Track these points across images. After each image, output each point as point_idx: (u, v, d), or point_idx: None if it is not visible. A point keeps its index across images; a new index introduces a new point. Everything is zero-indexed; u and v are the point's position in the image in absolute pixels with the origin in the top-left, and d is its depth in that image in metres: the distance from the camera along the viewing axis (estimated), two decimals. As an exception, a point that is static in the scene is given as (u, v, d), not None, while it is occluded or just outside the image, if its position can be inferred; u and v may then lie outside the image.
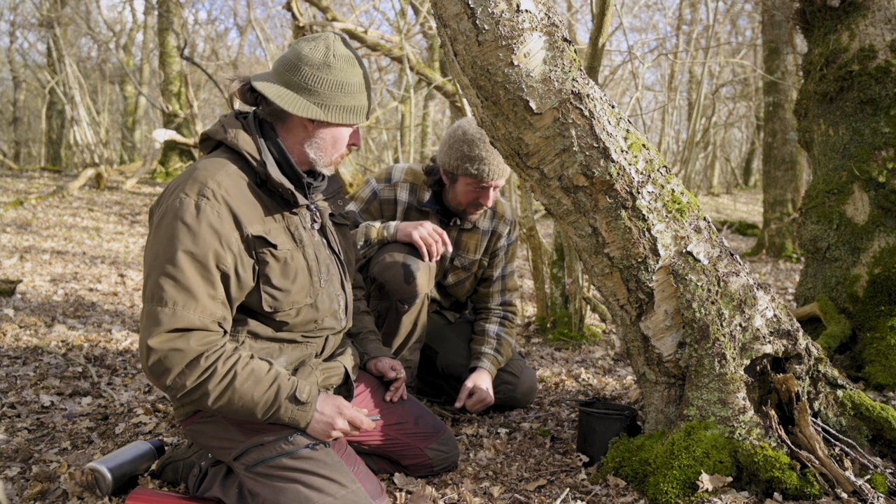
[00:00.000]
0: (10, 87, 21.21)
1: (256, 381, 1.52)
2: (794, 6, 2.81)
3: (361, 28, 7.07)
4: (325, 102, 1.63)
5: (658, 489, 1.73)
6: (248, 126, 1.66)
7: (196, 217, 1.50)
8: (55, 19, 13.28)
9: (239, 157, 1.63)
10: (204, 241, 1.49)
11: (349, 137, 1.73)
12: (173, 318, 1.46)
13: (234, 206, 1.55)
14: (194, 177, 1.56)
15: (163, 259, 1.49)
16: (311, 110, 1.62)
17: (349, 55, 1.66)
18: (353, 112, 1.67)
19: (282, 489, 1.54)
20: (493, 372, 2.52)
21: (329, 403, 1.62)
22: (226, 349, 1.52)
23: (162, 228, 1.52)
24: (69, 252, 6.73)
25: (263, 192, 1.64)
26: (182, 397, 1.52)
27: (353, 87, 1.65)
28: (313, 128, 1.66)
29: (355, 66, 1.66)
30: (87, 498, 1.77)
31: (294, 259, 1.64)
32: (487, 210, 2.59)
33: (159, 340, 1.46)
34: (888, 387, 2.19)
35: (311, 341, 1.74)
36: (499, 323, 2.63)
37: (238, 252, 1.55)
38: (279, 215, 1.65)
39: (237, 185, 1.58)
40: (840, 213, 2.47)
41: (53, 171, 13.90)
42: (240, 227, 1.55)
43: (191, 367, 1.47)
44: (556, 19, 1.72)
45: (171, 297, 1.47)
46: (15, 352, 3.14)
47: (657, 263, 1.81)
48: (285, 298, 1.63)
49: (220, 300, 1.53)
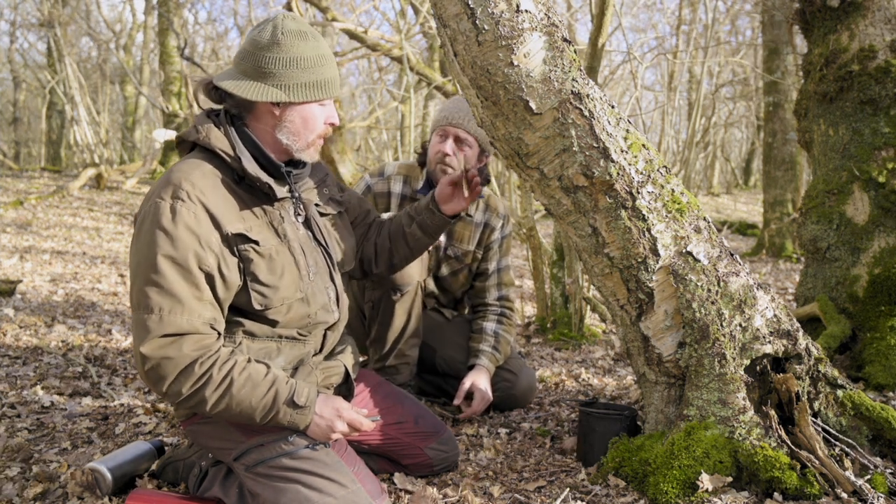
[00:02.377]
0: (10, 87, 21.21)
1: (254, 387, 1.51)
2: (793, 6, 2.81)
3: (361, 28, 7.07)
4: (283, 82, 1.56)
5: (658, 489, 1.73)
6: (220, 122, 1.63)
7: (172, 221, 1.48)
8: (55, 19, 13.28)
9: (214, 156, 1.60)
10: (183, 243, 1.48)
11: (323, 115, 1.65)
12: (161, 325, 1.45)
13: (211, 205, 1.53)
14: (168, 179, 1.54)
15: (144, 266, 1.48)
16: (269, 93, 1.56)
17: (299, 30, 1.58)
18: (315, 87, 1.60)
19: (282, 489, 1.54)
20: (492, 370, 2.52)
21: (328, 406, 1.60)
22: (220, 354, 1.51)
23: (141, 235, 1.51)
24: (69, 252, 6.73)
25: (242, 187, 1.61)
26: (180, 403, 1.52)
27: (309, 62, 1.58)
28: (280, 111, 1.61)
29: (308, 40, 1.59)
30: (87, 498, 1.77)
31: (280, 254, 1.62)
32: (480, 202, 2.61)
33: (151, 347, 1.45)
34: (888, 387, 2.19)
35: (307, 338, 1.72)
36: (496, 321, 2.63)
37: (220, 252, 1.53)
38: (260, 210, 1.62)
39: (213, 184, 1.56)
40: (840, 213, 2.47)
41: (53, 171, 13.91)
42: (218, 226, 1.53)
43: (185, 375, 1.47)
44: (555, 19, 1.72)
45: (156, 304, 1.46)
46: (15, 352, 3.14)
47: (657, 263, 1.81)
48: (274, 295, 1.61)
49: (208, 301, 1.51)
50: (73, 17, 15.36)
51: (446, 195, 1.95)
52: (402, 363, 2.38)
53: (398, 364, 2.37)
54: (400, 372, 2.38)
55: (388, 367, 2.37)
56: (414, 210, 1.99)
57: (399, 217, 2.01)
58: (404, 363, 2.38)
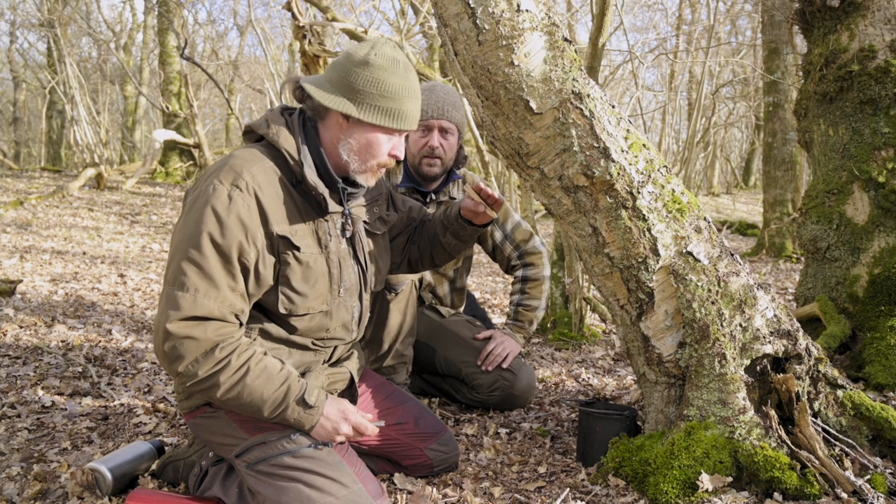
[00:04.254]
0: (10, 87, 21.21)
1: (268, 379, 1.52)
2: (793, 6, 2.81)
3: (361, 28, 7.07)
4: (360, 99, 1.58)
5: (658, 489, 1.73)
6: (292, 124, 1.64)
7: (227, 207, 1.49)
8: (55, 19, 13.28)
9: (277, 154, 1.61)
10: (231, 231, 1.49)
11: (389, 145, 1.64)
12: (193, 305, 1.46)
13: (265, 201, 1.54)
14: (231, 165, 1.55)
15: (188, 244, 1.48)
16: (342, 104, 1.58)
17: (394, 57, 1.59)
18: (388, 115, 1.59)
19: (283, 488, 1.54)
20: (515, 336, 2.62)
21: (335, 408, 1.61)
22: (241, 342, 1.52)
23: (192, 213, 1.51)
24: (69, 252, 6.73)
25: (297, 192, 1.62)
26: (192, 385, 1.51)
27: (393, 89, 1.58)
28: (347, 126, 1.62)
29: (399, 69, 1.59)
30: (87, 498, 1.77)
31: (317, 263, 1.63)
32: (458, 181, 2.64)
33: (177, 326, 1.46)
34: (888, 387, 2.19)
35: (320, 349, 1.73)
36: (520, 290, 2.71)
37: (261, 248, 1.54)
38: (309, 217, 1.63)
39: (271, 181, 1.57)
40: (840, 213, 2.47)
41: (53, 171, 13.90)
42: (266, 223, 1.54)
43: (205, 357, 1.47)
44: (556, 19, 1.72)
45: (192, 284, 1.47)
46: (15, 352, 3.14)
47: (657, 263, 1.81)
48: (302, 302, 1.62)
49: (240, 293, 1.53)
50: (73, 17, 15.36)
51: (471, 213, 1.96)
52: (399, 363, 2.38)
53: (396, 364, 2.38)
54: (397, 371, 2.39)
55: (386, 368, 2.37)
56: (446, 220, 2.00)
57: (433, 224, 2.03)
58: (401, 363, 2.39)
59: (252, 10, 11.79)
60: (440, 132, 2.46)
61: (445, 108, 2.43)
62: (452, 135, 2.49)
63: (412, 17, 7.66)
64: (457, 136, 2.52)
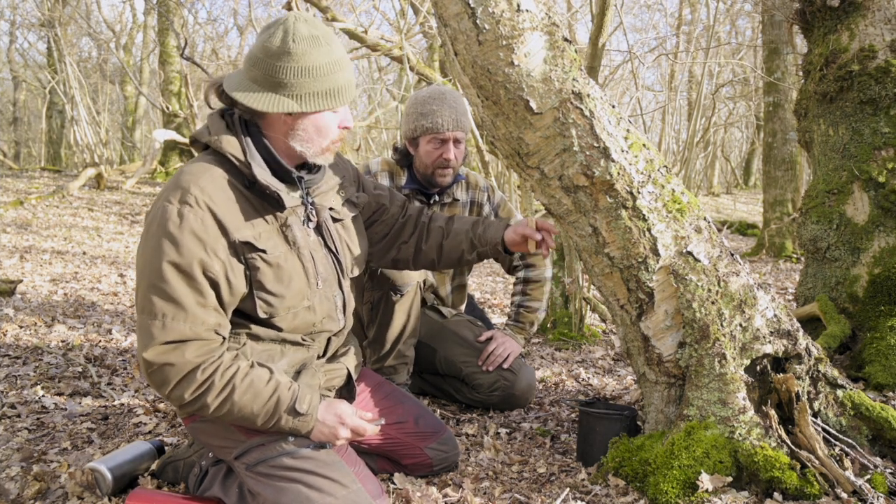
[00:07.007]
0: (10, 87, 21.21)
1: (255, 394, 1.51)
2: (793, 6, 2.81)
3: (361, 28, 7.07)
4: (295, 92, 1.51)
5: (658, 489, 1.73)
6: (233, 125, 1.59)
7: (179, 226, 1.46)
8: (55, 19, 13.28)
9: (224, 160, 1.57)
10: (188, 250, 1.46)
11: (337, 120, 1.61)
12: (164, 331, 1.45)
13: (219, 212, 1.50)
14: (178, 182, 1.51)
15: (149, 270, 1.47)
16: (281, 103, 1.52)
17: (311, 34, 1.51)
18: (329, 95, 1.55)
19: (283, 489, 1.54)
20: (517, 338, 2.63)
21: (331, 413, 1.59)
22: (223, 360, 1.50)
23: (148, 238, 1.49)
24: (69, 252, 6.73)
25: (253, 193, 1.58)
26: (183, 407, 1.52)
27: (322, 70, 1.52)
28: (292, 120, 1.56)
29: (320, 45, 1.52)
30: (87, 498, 1.77)
31: (288, 261, 1.59)
32: (462, 182, 2.64)
33: (153, 354, 1.45)
34: (888, 387, 2.19)
35: (312, 344, 1.72)
36: (521, 291, 2.72)
37: (226, 258, 1.51)
38: (270, 216, 1.59)
39: (222, 188, 1.53)
40: (840, 213, 2.47)
41: (53, 171, 13.91)
42: (226, 232, 1.51)
43: (187, 380, 1.46)
44: (556, 19, 1.72)
45: (159, 310, 1.45)
46: (15, 352, 3.14)
47: (657, 263, 1.81)
48: (280, 304, 1.59)
49: (212, 307, 1.50)
50: (73, 16, 15.35)
51: (516, 244, 1.95)
52: (400, 363, 2.38)
53: (397, 364, 2.38)
54: (398, 372, 2.39)
55: (387, 368, 2.37)
56: (478, 240, 1.97)
57: (458, 238, 1.98)
58: (402, 363, 2.39)
59: (252, 10, 11.79)
60: (454, 143, 2.45)
61: (459, 118, 2.43)
62: (462, 142, 2.50)
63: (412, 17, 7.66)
64: (465, 141, 2.53)
